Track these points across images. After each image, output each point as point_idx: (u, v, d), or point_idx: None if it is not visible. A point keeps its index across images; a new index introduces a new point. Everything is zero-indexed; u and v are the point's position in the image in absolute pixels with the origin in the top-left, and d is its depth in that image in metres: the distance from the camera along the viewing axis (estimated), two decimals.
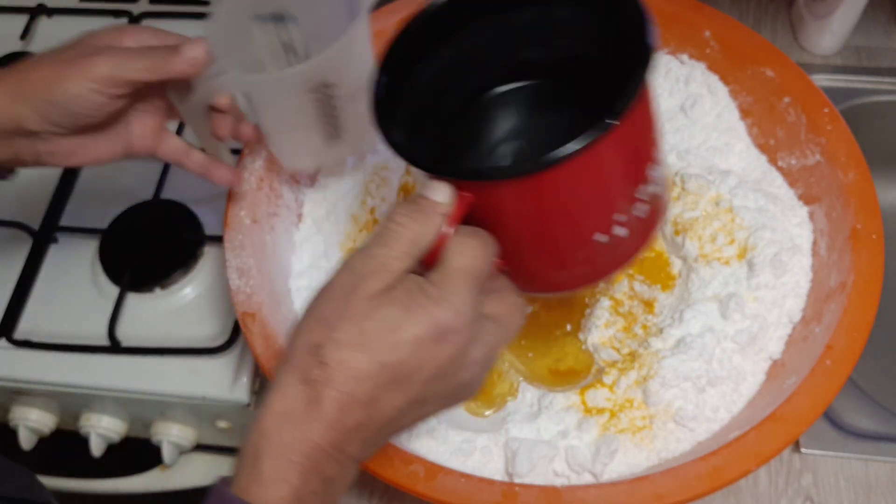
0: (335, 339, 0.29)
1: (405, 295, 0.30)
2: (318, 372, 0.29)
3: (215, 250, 0.60)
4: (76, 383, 0.56)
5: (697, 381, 0.46)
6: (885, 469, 0.52)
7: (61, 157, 0.43)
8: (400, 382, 0.30)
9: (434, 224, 0.32)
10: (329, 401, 0.29)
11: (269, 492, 0.29)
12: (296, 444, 0.29)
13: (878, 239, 0.47)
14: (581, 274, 0.37)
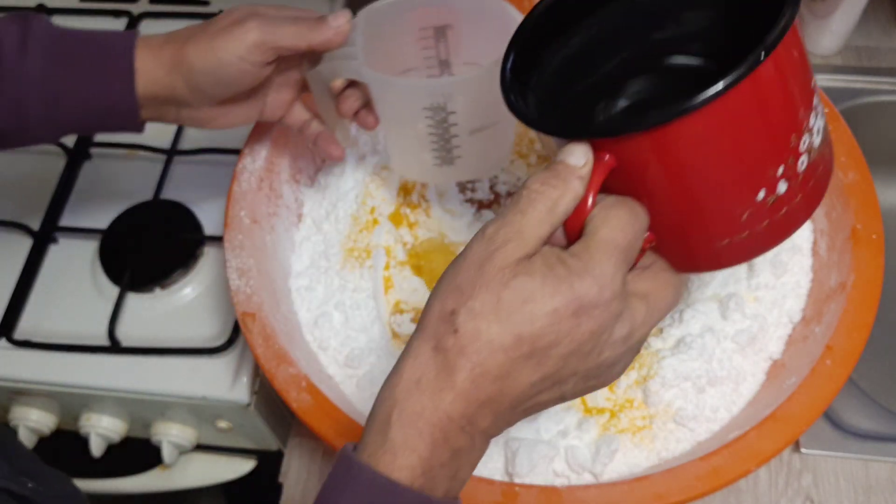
0: (470, 307, 0.28)
1: (544, 265, 0.29)
2: (451, 340, 0.28)
3: (215, 250, 0.60)
4: (76, 383, 0.56)
5: (697, 381, 0.46)
6: (885, 469, 0.52)
7: (201, 121, 0.45)
8: (535, 356, 0.28)
9: (572, 188, 0.30)
10: (461, 371, 0.28)
11: (397, 460, 0.28)
12: (426, 412, 0.28)
13: (878, 239, 0.47)
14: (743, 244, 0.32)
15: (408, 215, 0.56)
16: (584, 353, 0.29)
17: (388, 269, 0.54)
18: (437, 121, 0.45)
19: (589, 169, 0.30)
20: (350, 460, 0.29)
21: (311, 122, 0.49)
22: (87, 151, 0.66)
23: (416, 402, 0.28)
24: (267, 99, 0.47)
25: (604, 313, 0.29)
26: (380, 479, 0.28)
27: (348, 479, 0.29)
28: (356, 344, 0.49)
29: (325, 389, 0.44)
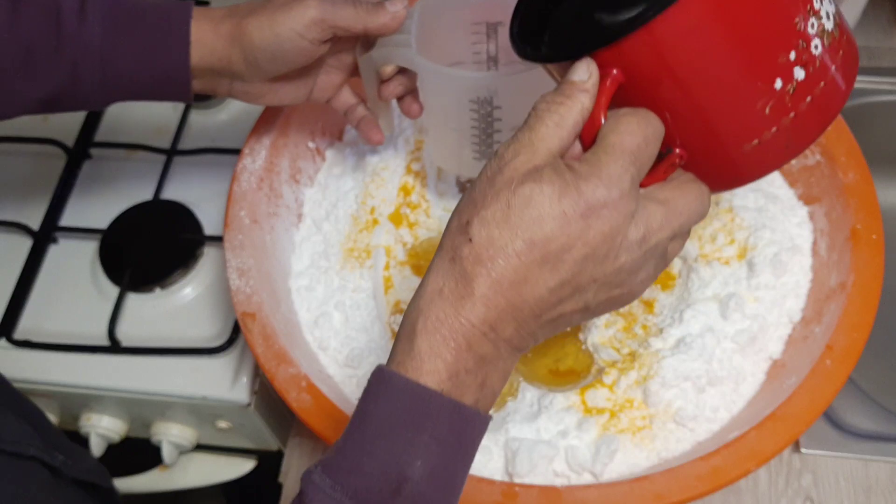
0: (482, 216, 0.29)
1: (552, 172, 0.29)
2: (466, 250, 0.29)
3: (215, 250, 0.60)
4: (76, 383, 0.56)
5: (697, 381, 0.46)
6: (885, 469, 0.52)
7: (252, 96, 0.46)
8: (549, 261, 0.29)
9: (579, 101, 0.30)
10: (479, 278, 0.29)
11: (423, 366, 0.29)
12: (448, 319, 0.29)
13: (878, 239, 0.47)
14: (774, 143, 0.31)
15: (408, 215, 0.56)
16: (599, 257, 0.29)
17: (388, 269, 0.54)
18: (481, 114, 0.46)
19: (594, 82, 0.30)
20: (381, 371, 0.30)
21: (356, 106, 0.50)
22: (87, 151, 0.67)
23: (439, 310, 0.29)
24: (317, 80, 0.48)
25: (613, 213, 0.29)
26: (410, 384, 0.29)
27: (380, 389, 0.30)
28: (356, 344, 0.49)
29: (326, 389, 0.44)
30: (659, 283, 0.52)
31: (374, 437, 0.29)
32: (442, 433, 0.29)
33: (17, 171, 0.66)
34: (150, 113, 0.69)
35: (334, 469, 0.29)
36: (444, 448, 0.29)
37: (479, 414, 0.30)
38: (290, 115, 0.55)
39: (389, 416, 0.29)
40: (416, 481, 0.28)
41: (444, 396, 0.29)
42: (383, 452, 0.29)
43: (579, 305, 0.31)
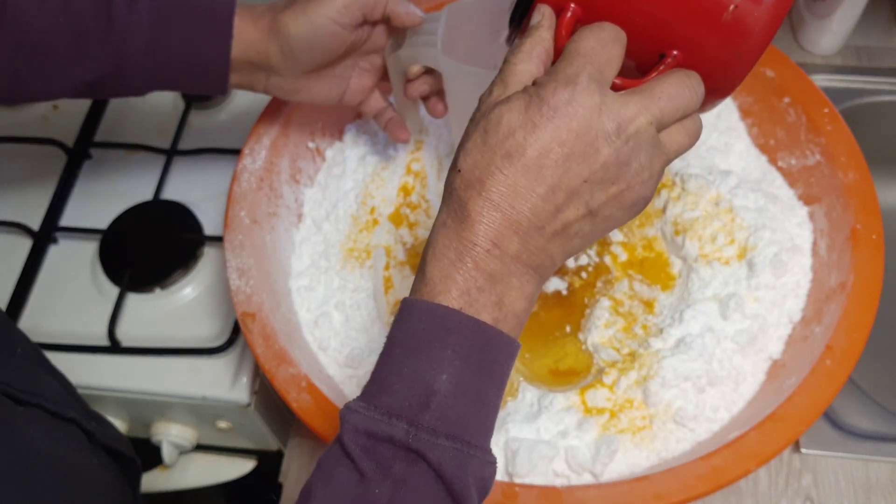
0: (465, 147, 0.32)
1: (519, 93, 0.31)
2: (457, 181, 0.31)
3: (215, 250, 0.60)
4: (76, 383, 0.55)
5: (697, 381, 0.46)
6: (885, 469, 0.52)
7: (286, 92, 0.48)
8: (530, 169, 0.30)
9: (538, 36, 0.33)
10: (471, 200, 0.31)
11: (436, 289, 0.31)
12: (452, 244, 0.31)
13: (878, 239, 0.47)
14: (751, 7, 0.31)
15: (408, 215, 0.56)
16: (578, 155, 0.30)
17: (388, 270, 0.54)
18: None
19: (549, 17, 0.33)
20: (405, 301, 0.32)
21: (386, 109, 0.53)
22: (87, 151, 0.67)
23: (444, 237, 0.31)
24: (350, 82, 0.50)
25: (578, 108, 0.30)
26: (428, 305, 0.30)
27: (403, 315, 0.31)
28: (356, 344, 0.50)
29: (326, 389, 0.44)
30: (659, 284, 0.52)
31: (401, 358, 0.30)
32: (464, 348, 0.30)
33: (17, 172, 0.66)
34: (150, 113, 0.69)
35: (367, 394, 0.31)
36: (467, 363, 0.30)
37: (500, 333, 0.31)
38: (290, 115, 0.55)
39: (412, 337, 0.30)
40: (444, 394, 0.30)
41: (460, 313, 0.30)
42: (409, 370, 0.30)
43: (581, 211, 0.31)
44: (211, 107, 0.68)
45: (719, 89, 0.35)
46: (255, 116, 0.55)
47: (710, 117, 0.57)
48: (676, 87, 0.32)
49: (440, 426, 0.29)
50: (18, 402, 0.36)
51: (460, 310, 0.30)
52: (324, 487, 0.30)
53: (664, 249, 0.53)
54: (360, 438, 0.29)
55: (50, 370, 0.45)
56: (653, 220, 0.55)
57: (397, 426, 0.29)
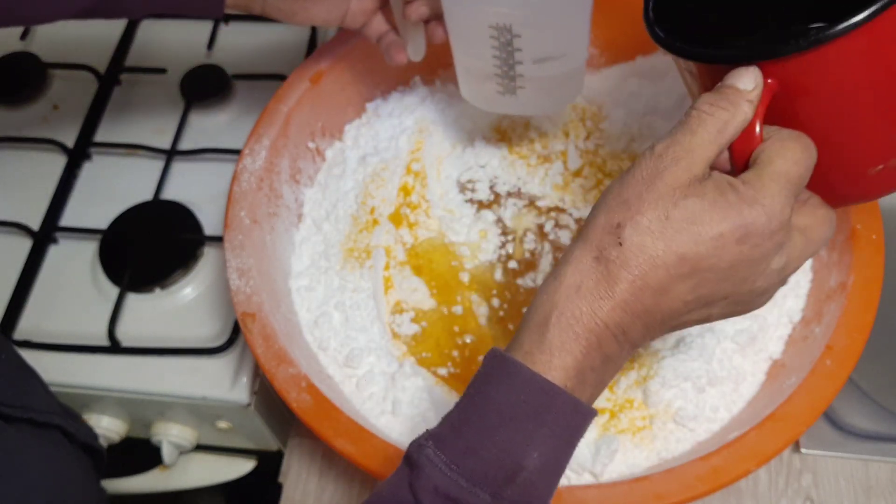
0: (637, 221, 0.29)
1: (714, 189, 0.29)
2: (615, 252, 0.29)
3: (215, 251, 0.60)
4: (76, 383, 0.56)
5: (697, 381, 0.46)
6: (885, 469, 0.52)
7: (284, 14, 0.47)
8: (693, 276, 0.29)
9: (742, 111, 0.30)
10: (622, 282, 0.29)
11: (553, 360, 0.29)
12: (584, 317, 0.29)
13: (878, 239, 0.47)
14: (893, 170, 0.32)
15: (408, 215, 0.56)
16: (739, 280, 0.30)
17: (388, 270, 0.54)
18: (501, 42, 0.45)
19: (758, 93, 0.30)
20: (504, 358, 0.30)
21: (388, 33, 0.51)
22: (86, 152, 0.67)
23: (576, 307, 0.29)
24: (350, 4, 0.48)
25: (767, 243, 0.29)
26: (538, 379, 0.29)
27: (503, 375, 0.30)
28: (356, 344, 0.50)
29: (325, 389, 0.44)
30: None
31: (496, 424, 0.29)
32: (560, 429, 0.29)
33: (17, 172, 0.66)
34: (149, 113, 0.69)
35: (451, 448, 0.29)
36: (559, 442, 0.30)
37: (592, 410, 0.31)
38: (290, 115, 0.55)
39: (513, 406, 0.29)
40: (531, 471, 0.29)
41: (567, 394, 0.29)
42: (503, 440, 0.29)
43: (703, 315, 0.32)
44: (211, 107, 0.68)
45: None
46: (255, 117, 0.55)
47: None
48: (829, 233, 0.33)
49: (521, 500, 0.29)
50: (9, 419, 0.36)
51: (568, 388, 0.29)
52: None
53: None
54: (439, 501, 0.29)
55: (29, 371, 0.44)
56: None
57: (480, 497, 0.28)
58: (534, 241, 0.55)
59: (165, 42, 0.73)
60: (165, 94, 0.69)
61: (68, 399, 0.58)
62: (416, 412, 0.47)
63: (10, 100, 0.70)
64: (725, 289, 0.30)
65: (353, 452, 0.42)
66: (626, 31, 0.59)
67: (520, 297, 0.53)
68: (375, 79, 0.60)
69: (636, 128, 0.58)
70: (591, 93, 0.60)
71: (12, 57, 0.72)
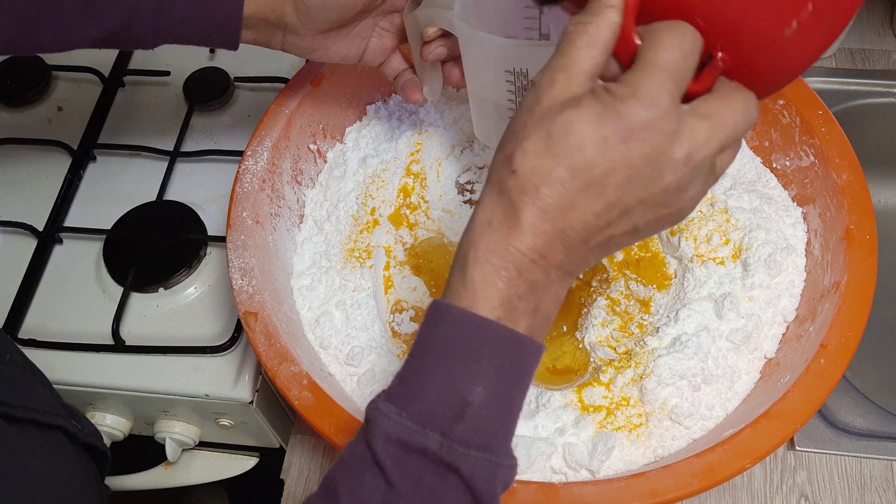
0: (524, 147, 0.30)
1: (590, 97, 0.29)
2: (511, 182, 0.30)
3: (218, 251, 0.61)
4: (80, 382, 0.56)
5: (693, 380, 0.46)
6: (879, 466, 0.52)
7: (303, 50, 0.47)
8: (593, 186, 0.29)
9: (608, 17, 0.30)
10: (525, 207, 0.29)
11: (477, 295, 0.30)
12: (498, 249, 0.30)
13: (872, 239, 0.47)
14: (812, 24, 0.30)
15: (407, 216, 0.57)
16: (643, 179, 0.29)
17: (389, 269, 0.55)
18: (517, 87, 0.45)
19: None
20: (438, 304, 0.31)
21: (405, 71, 0.51)
22: (91, 153, 0.67)
23: (489, 241, 0.30)
24: (369, 43, 0.49)
25: (655, 133, 0.29)
26: (466, 314, 0.30)
27: (437, 319, 0.31)
28: (357, 342, 0.50)
29: (326, 387, 0.45)
30: (655, 284, 0.53)
31: (435, 365, 0.30)
32: (499, 360, 0.30)
33: (22, 173, 0.67)
34: (153, 116, 0.69)
35: (398, 397, 0.30)
36: (501, 374, 0.30)
37: (533, 341, 0.31)
38: (291, 117, 0.56)
39: (448, 345, 0.30)
40: (477, 405, 0.29)
41: (499, 325, 0.30)
42: (444, 379, 0.30)
43: (628, 227, 0.31)
44: (213, 109, 0.69)
45: None
46: (257, 119, 0.56)
47: None
48: (742, 114, 0.31)
49: (472, 437, 0.29)
50: (12, 420, 0.36)
51: (499, 320, 0.30)
52: (351, 493, 0.30)
53: (660, 250, 0.54)
54: (391, 448, 0.29)
55: (33, 371, 0.44)
56: None
57: (431, 437, 0.29)
58: None
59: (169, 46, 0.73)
60: (169, 97, 0.70)
61: (73, 397, 0.59)
62: None
63: (15, 102, 0.70)
64: (634, 191, 0.30)
65: None
66: None
67: None
68: (376, 82, 0.60)
69: None
70: None
71: (18, 59, 0.72)
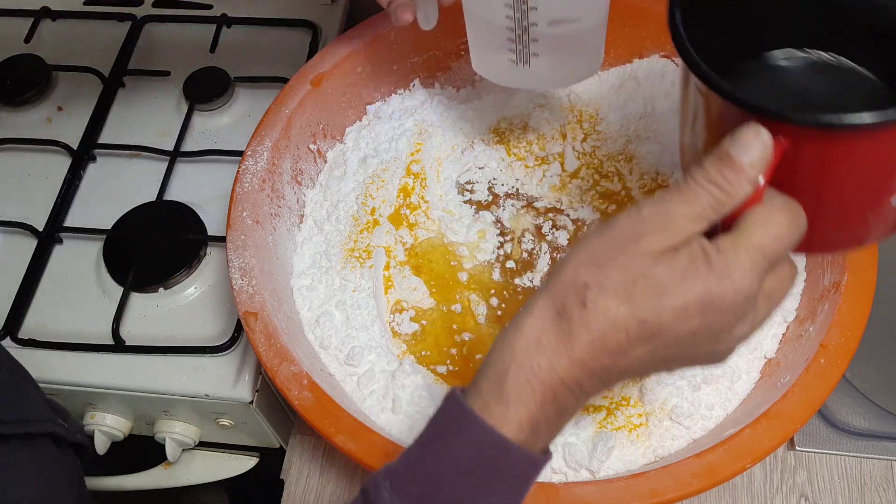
0: (603, 284, 0.29)
1: (687, 260, 0.28)
2: (577, 311, 0.29)
3: (218, 250, 0.61)
4: (80, 382, 0.56)
5: (692, 380, 0.46)
6: (879, 466, 0.53)
7: None
8: (653, 341, 0.29)
9: (742, 192, 0.29)
10: (581, 342, 0.29)
11: (509, 412, 0.30)
12: (542, 373, 0.29)
13: None
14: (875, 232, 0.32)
15: (407, 216, 0.57)
16: (699, 344, 0.30)
17: (388, 269, 0.55)
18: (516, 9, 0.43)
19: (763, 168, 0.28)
20: (463, 407, 0.30)
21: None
22: (91, 153, 0.67)
23: (534, 362, 0.30)
24: None
25: (730, 316, 0.29)
26: (492, 434, 0.30)
27: (461, 426, 0.30)
28: (357, 342, 0.50)
29: (326, 387, 0.45)
30: None
31: (450, 475, 0.30)
32: (511, 480, 0.30)
33: (22, 173, 0.67)
34: (153, 116, 0.69)
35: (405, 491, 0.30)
36: (511, 492, 0.31)
37: (543, 458, 0.31)
38: (291, 117, 0.56)
39: (468, 460, 0.30)
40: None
41: (521, 450, 0.30)
42: (455, 490, 0.30)
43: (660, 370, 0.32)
44: (213, 109, 0.69)
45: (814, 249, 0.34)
46: (257, 119, 0.56)
47: None
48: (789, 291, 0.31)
49: None
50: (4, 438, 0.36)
51: (522, 443, 0.30)
52: None
53: None
54: None
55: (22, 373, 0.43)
56: None
57: None
58: (531, 241, 0.56)
59: (169, 45, 0.74)
60: (169, 97, 0.70)
61: (73, 397, 0.59)
62: (416, 409, 0.48)
63: (15, 101, 0.70)
64: (684, 351, 0.30)
65: (354, 449, 0.42)
66: (623, 33, 0.60)
67: (517, 296, 0.54)
68: (376, 82, 0.60)
69: (633, 130, 0.58)
70: (588, 95, 0.61)
71: (17, 59, 0.72)
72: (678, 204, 0.29)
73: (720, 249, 0.29)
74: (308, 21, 0.72)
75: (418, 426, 0.47)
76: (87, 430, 0.60)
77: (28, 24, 0.75)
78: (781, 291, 0.31)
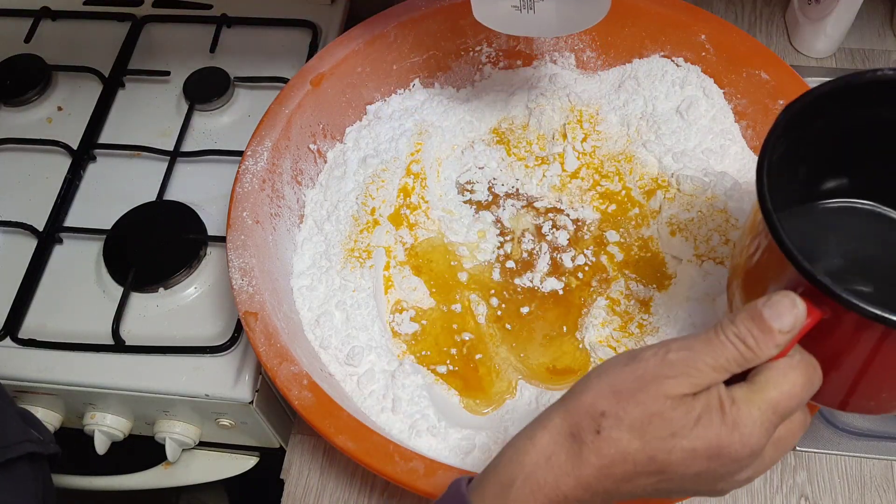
0: (620, 416, 0.30)
1: (703, 407, 0.30)
2: (591, 437, 0.31)
3: (218, 250, 0.61)
4: (81, 382, 0.56)
5: None
6: (879, 466, 0.53)
7: None
8: (658, 475, 0.31)
9: (767, 353, 0.30)
10: (590, 466, 0.31)
11: None
12: (547, 488, 0.31)
13: None
14: None
15: (407, 216, 0.57)
16: (701, 483, 0.31)
17: (388, 269, 0.55)
18: None
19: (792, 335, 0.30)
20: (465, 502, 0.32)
21: None
22: (91, 153, 0.67)
23: (542, 477, 0.31)
24: None
25: (735, 465, 0.31)
26: None
27: None
28: (356, 342, 0.50)
29: (326, 387, 0.45)
30: (655, 283, 0.53)
31: None
32: None
33: (22, 173, 0.67)
34: (153, 116, 0.70)
35: None
36: None
37: None
38: (291, 117, 0.56)
39: None
40: None
41: None
42: None
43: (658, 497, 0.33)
44: (213, 109, 0.69)
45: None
46: (257, 119, 0.56)
47: (706, 119, 0.57)
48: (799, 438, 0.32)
49: None
50: None
51: None
52: None
53: (660, 249, 0.54)
54: None
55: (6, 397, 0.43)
56: (649, 221, 0.55)
57: None
58: (531, 241, 0.56)
59: (169, 45, 0.74)
60: (169, 97, 0.70)
61: (73, 397, 0.59)
62: (416, 409, 0.48)
63: (15, 101, 0.70)
64: (685, 486, 0.32)
65: (354, 449, 0.42)
66: (623, 33, 0.60)
67: (517, 296, 0.54)
68: (376, 82, 0.60)
69: (633, 130, 0.58)
70: (588, 95, 0.61)
71: (17, 59, 0.72)
72: (704, 354, 0.30)
73: (735, 398, 0.30)
74: (308, 21, 0.72)
75: (418, 426, 0.47)
76: (87, 430, 0.60)
77: (28, 24, 0.75)
78: (791, 439, 0.32)
